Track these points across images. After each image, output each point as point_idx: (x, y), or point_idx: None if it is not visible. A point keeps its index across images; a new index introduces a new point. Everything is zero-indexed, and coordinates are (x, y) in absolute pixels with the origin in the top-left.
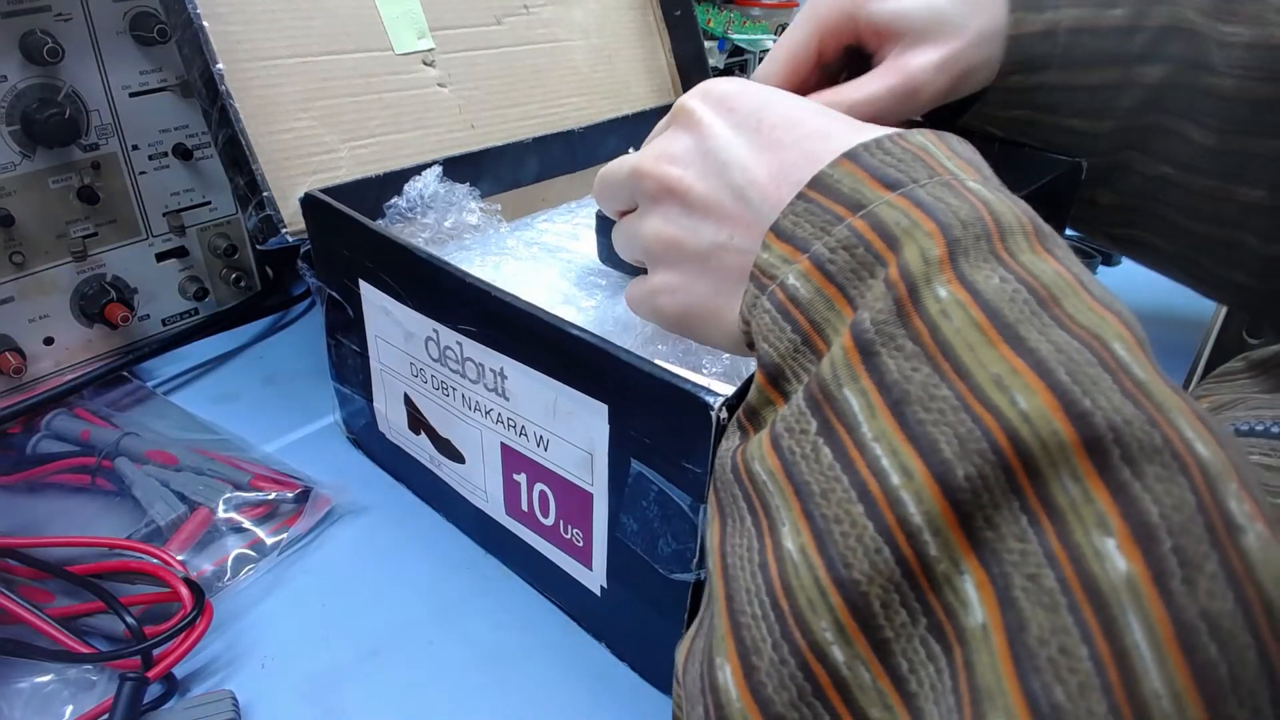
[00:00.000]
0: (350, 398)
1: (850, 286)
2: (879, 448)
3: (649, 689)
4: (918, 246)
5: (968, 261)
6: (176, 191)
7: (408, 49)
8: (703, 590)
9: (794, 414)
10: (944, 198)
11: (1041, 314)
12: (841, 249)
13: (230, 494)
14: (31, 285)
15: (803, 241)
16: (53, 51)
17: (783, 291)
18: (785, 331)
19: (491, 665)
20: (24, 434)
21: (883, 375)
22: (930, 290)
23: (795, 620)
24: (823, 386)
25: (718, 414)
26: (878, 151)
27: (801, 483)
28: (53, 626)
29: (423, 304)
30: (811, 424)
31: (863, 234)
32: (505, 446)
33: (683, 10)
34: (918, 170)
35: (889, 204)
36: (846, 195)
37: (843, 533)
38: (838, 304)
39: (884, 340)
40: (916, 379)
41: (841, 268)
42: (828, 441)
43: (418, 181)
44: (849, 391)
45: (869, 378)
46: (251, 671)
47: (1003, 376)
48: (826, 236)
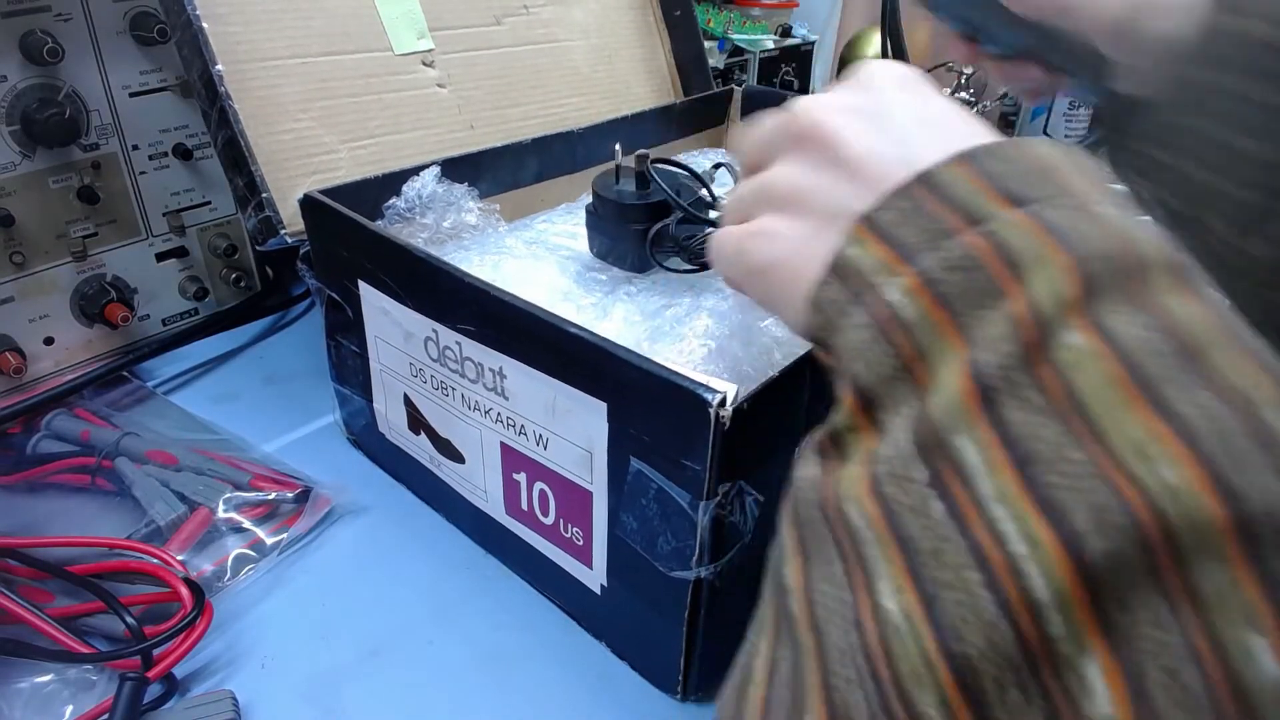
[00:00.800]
0: (350, 398)
1: (964, 315)
2: (1000, 509)
3: (649, 688)
4: (1049, 281)
5: (1104, 304)
6: (176, 191)
7: (407, 49)
8: (702, 589)
9: (899, 457)
10: (1077, 223)
11: (1188, 370)
12: (958, 269)
13: (230, 494)
14: (31, 285)
15: (907, 249)
16: (53, 51)
17: (885, 307)
18: (886, 354)
19: (491, 665)
20: (24, 434)
21: (1006, 427)
22: (1062, 335)
23: (896, 690)
24: (934, 431)
25: (716, 410)
26: (999, 157)
27: (907, 538)
28: (53, 626)
29: (422, 304)
30: (921, 473)
31: (981, 256)
32: (505, 446)
33: (683, 10)
34: (1045, 186)
35: (1014, 224)
36: (962, 203)
37: (956, 600)
38: (947, 333)
39: (1008, 387)
40: (1046, 436)
41: (956, 291)
42: (940, 495)
43: (416, 182)
44: (966, 441)
45: (990, 428)
46: (251, 671)
47: (1145, 443)
48: (938, 250)
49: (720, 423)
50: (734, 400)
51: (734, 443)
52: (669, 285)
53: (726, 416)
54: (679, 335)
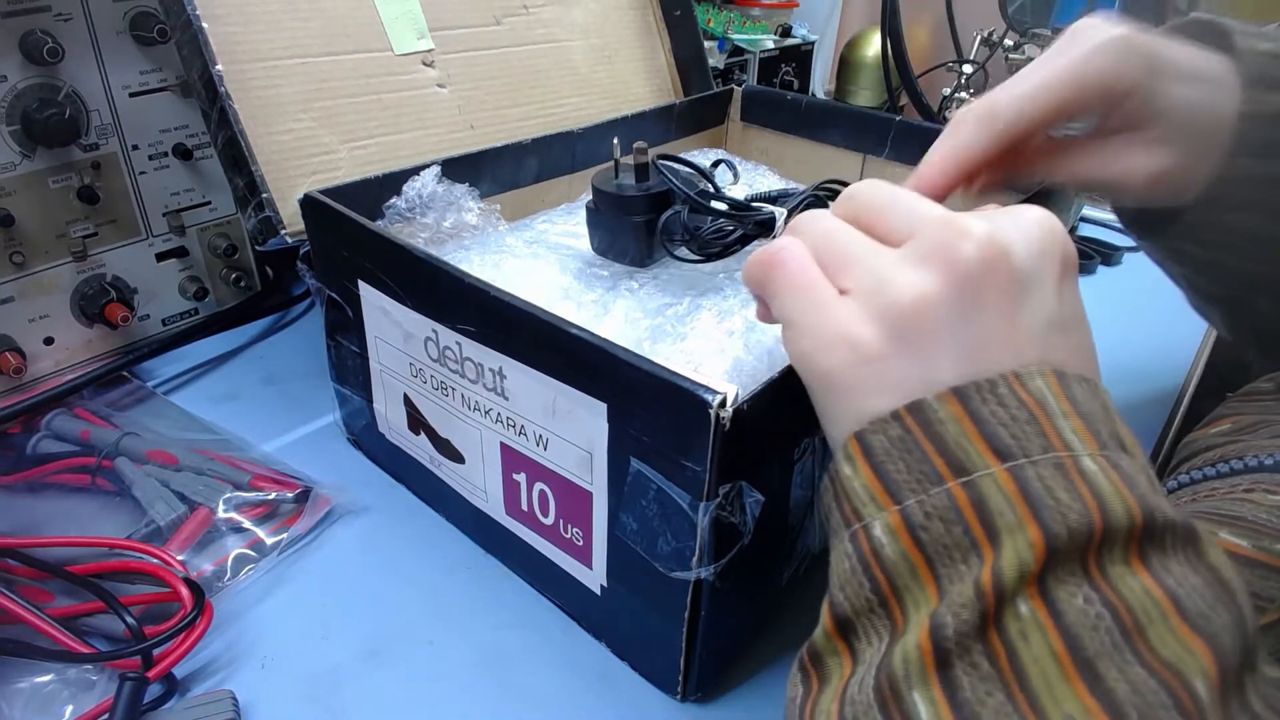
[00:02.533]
0: (350, 398)
1: (940, 564)
2: None
3: (649, 688)
4: (1016, 553)
5: (1056, 576)
6: (176, 191)
7: (407, 49)
8: (702, 590)
9: (863, 704)
10: (1055, 489)
11: (1123, 647)
12: (939, 519)
13: (230, 494)
14: (31, 285)
15: (894, 486)
16: (53, 51)
17: (867, 541)
18: (864, 588)
19: (491, 665)
20: (24, 434)
21: (955, 690)
22: (1017, 606)
23: None
24: (893, 683)
25: (716, 411)
26: (991, 399)
27: None
28: (53, 626)
29: (422, 304)
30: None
31: (963, 512)
32: (505, 446)
33: (683, 10)
34: (1031, 439)
35: (996, 484)
36: (950, 449)
37: None
38: (923, 578)
39: (960, 653)
40: (990, 704)
41: (935, 540)
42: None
43: (416, 181)
44: (919, 696)
45: (940, 689)
46: (251, 671)
47: (1075, 718)
48: (923, 495)
49: (720, 423)
50: (734, 401)
51: (734, 443)
52: (670, 283)
53: (727, 417)
54: (680, 335)
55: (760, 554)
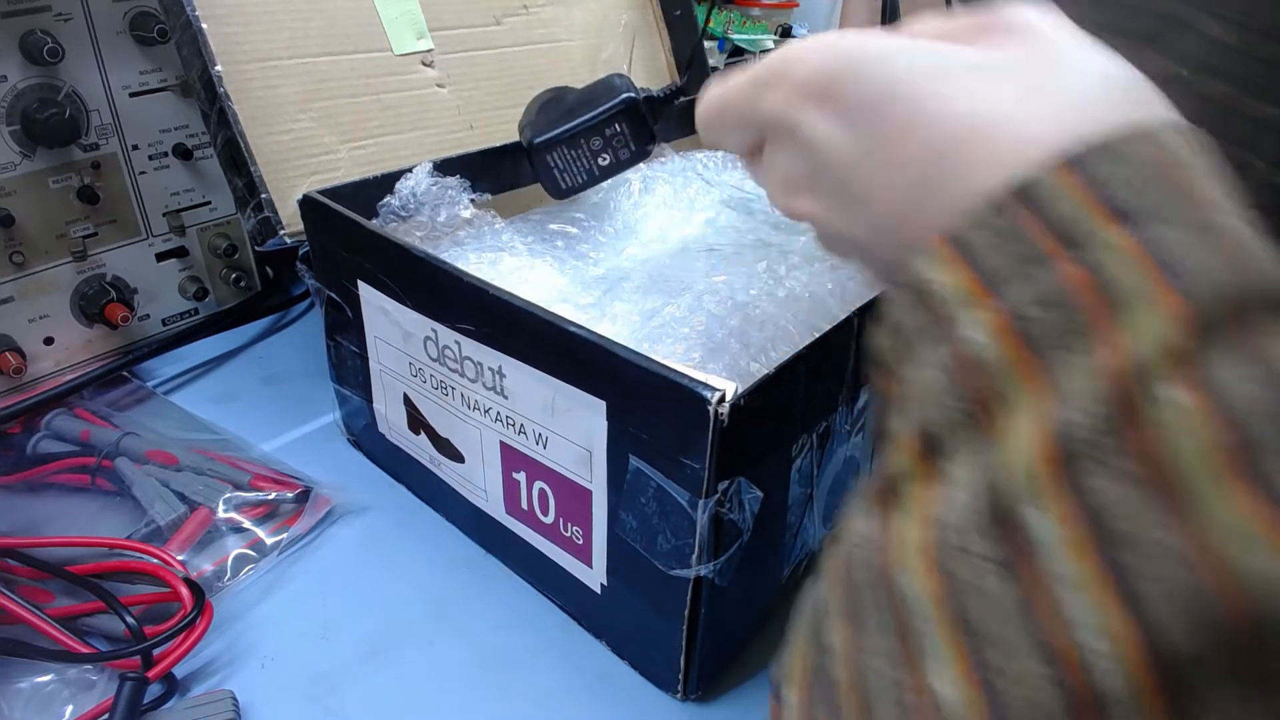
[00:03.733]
0: (350, 398)
1: (1052, 360)
2: (1074, 595)
3: (649, 687)
4: (1153, 325)
5: (1216, 352)
6: (176, 191)
7: (407, 50)
8: (701, 588)
9: (961, 526)
10: (1193, 250)
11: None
12: (1047, 304)
13: (230, 494)
14: (31, 285)
15: (994, 277)
16: (53, 51)
17: (963, 345)
18: (959, 398)
19: (491, 665)
20: (24, 434)
21: (1089, 500)
22: (1162, 391)
23: None
24: (1004, 497)
25: (715, 408)
26: (1113, 159)
27: (967, 619)
28: (53, 626)
29: (421, 303)
30: (986, 546)
31: (1079, 291)
32: (504, 445)
33: (683, 10)
34: (1161, 195)
35: (1119, 252)
36: (1062, 222)
37: (1018, 695)
38: (1031, 379)
39: (1094, 452)
40: (1133, 513)
41: (1045, 332)
42: (1008, 575)
43: (409, 179)
44: (1040, 512)
45: (1071, 500)
46: (251, 671)
47: (1246, 525)
48: (1029, 281)
49: (719, 420)
50: (732, 397)
51: (733, 440)
52: (669, 284)
53: (725, 414)
54: (679, 335)
55: (759, 551)
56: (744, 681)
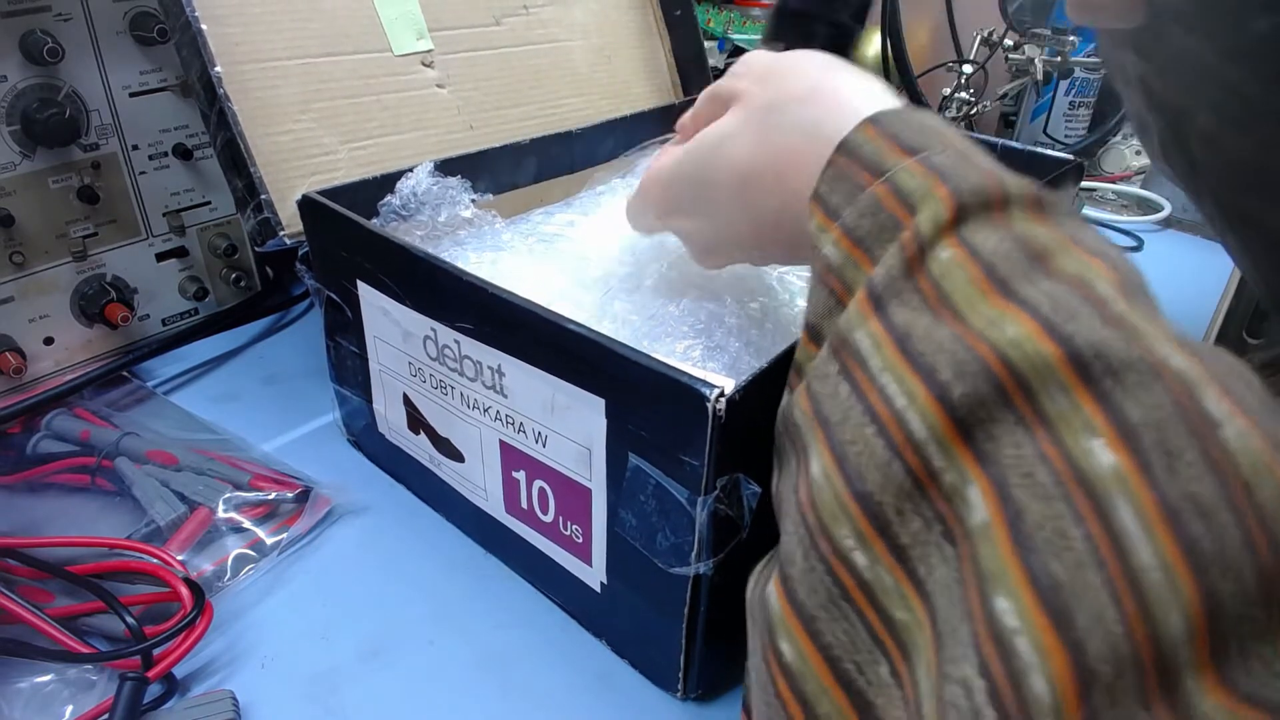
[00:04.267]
0: (349, 398)
1: (873, 249)
2: (886, 377)
3: (649, 686)
4: (931, 210)
5: (970, 226)
6: (176, 191)
7: (406, 50)
8: (701, 585)
9: (821, 362)
10: (959, 166)
11: (1032, 269)
12: (868, 215)
13: (230, 494)
14: (31, 285)
15: (834, 209)
16: (53, 51)
17: (821, 259)
18: (823, 296)
19: (491, 665)
20: (24, 434)
21: (890, 319)
22: (935, 252)
23: (820, 532)
24: (840, 334)
25: (714, 406)
26: (898, 120)
27: (825, 417)
28: (53, 626)
29: (420, 303)
30: (833, 367)
31: (883, 200)
32: (504, 444)
33: (683, 10)
34: (933, 139)
35: (907, 171)
36: (870, 161)
37: (857, 452)
38: (863, 265)
39: (893, 293)
40: (921, 323)
41: (867, 232)
42: (845, 378)
43: (410, 179)
44: (860, 334)
45: (879, 322)
46: (251, 671)
47: (995, 317)
48: (854, 204)
49: (718, 417)
50: (730, 393)
51: (731, 436)
52: (668, 285)
53: (723, 410)
54: (679, 335)
55: (759, 548)
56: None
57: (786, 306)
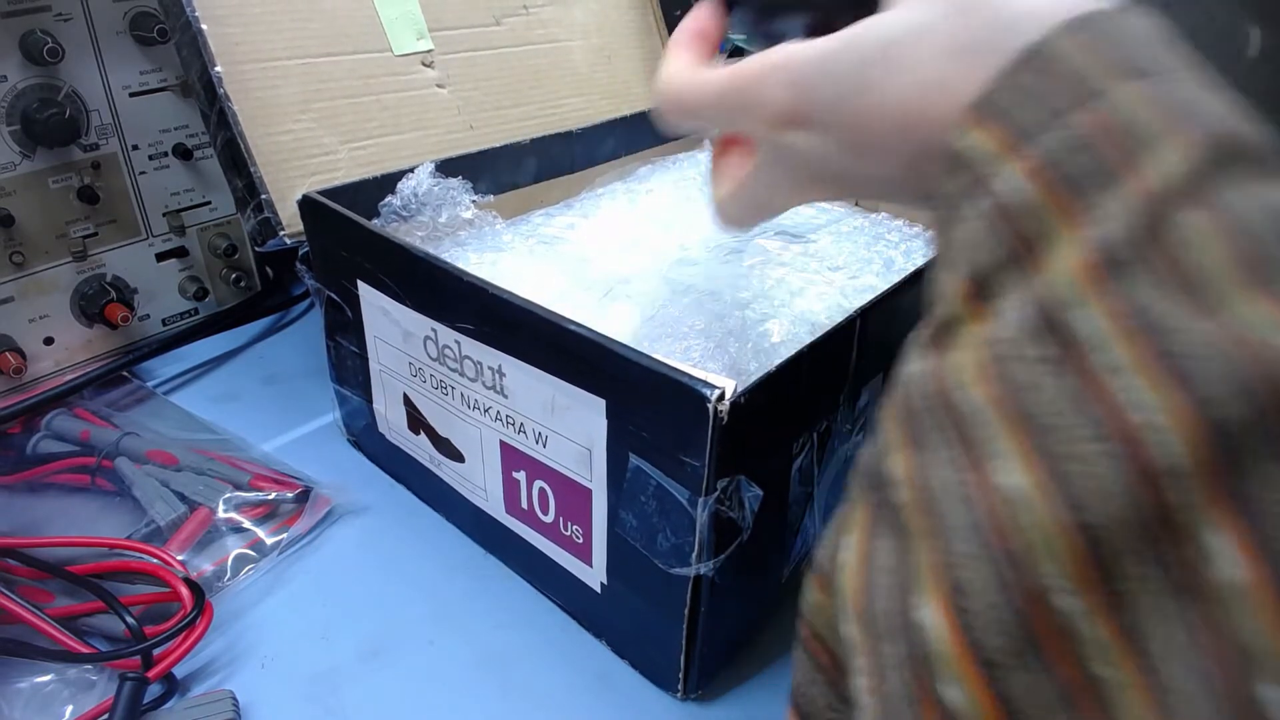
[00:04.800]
0: (350, 398)
1: (1084, 195)
2: (1126, 379)
3: (649, 686)
4: (1171, 157)
5: (1223, 183)
6: (176, 191)
7: (406, 50)
8: (701, 586)
9: (1014, 338)
10: (1199, 98)
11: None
12: (1077, 148)
13: (230, 494)
14: (31, 285)
15: (1023, 130)
16: (53, 51)
17: (1001, 195)
18: (1002, 241)
19: (491, 665)
20: (24, 434)
21: (1132, 297)
22: (1184, 212)
23: (1016, 564)
24: (1052, 309)
25: (715, 406)
26: (1116, 26)
27: (1027, 414)
28: (53, 626)
29: (420, 303)
30: (1040, 350)
31: (1102, 133)
32: (504, 444)
33: (683, 10)
34: (1164, 59)
35: (1138, 97)
36: (1079, 78)
37: (1080, 473)
38: (1067, 214)
39: (1133, 259)
40: (1171, 308)
41: (1075, 171)
42: (1060, 369)
43: (411, 179)
44: (1084, 315)
45: (1114, 299)
46: (251, 671)
47: (1266, 317)
48: (1056, 130)
49: (719, 418)
50: (732, 395)
51: (732, 437)
52: (669, 285)
53: (725, 411)
54: (678, 334)
55: (759, 550)
56: (744, 680)
57: (787, 307)
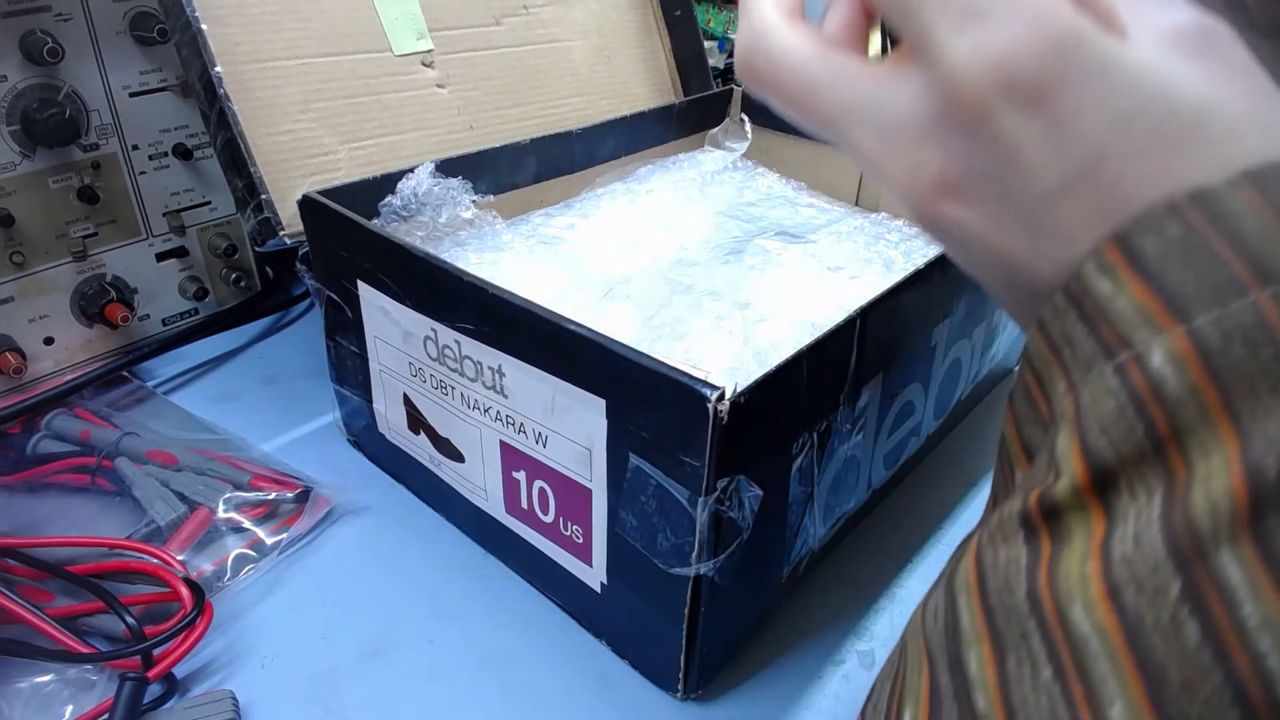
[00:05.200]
0: (349, 398)
1: (1241, 399)
2: (1265, 641)
3: (649, 686)
4: None
5: None
6: (176, 191)
7: (406, 50)
8: (701, 586)
9: (1148, 564)
10: None
11: None
12: (1242, 341)
13: (230, 494)
14: (31, 285)
15: (1178, 301)
16: (53, 51)
17: (1142, 374)
18: (1135, 431)
19: (491, 665)
20: (24, 434)
21: (1273, 544)
22: None
23: None
24: (1197, 538)
25: (715, 405)
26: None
27: (1151, 660)
28: (53, 626)
29: (420, 303)
30: (1174, 584)
31: (1275, 330)
32: (504, 444)
33: (683, 10)
34: None
35: None
36: (1253, 248)
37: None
38: (1215, 416)
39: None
40: None
41: (1236, 368)
42: (1195, 614)
43: (411, 179)
44: (1230, 555)
45: (1256, 543)
46: (251, 671)
47: None
48: (1219, 310)
49: (719, 417)
50: (732, 394)
51: (732, 437)
52: (669, 285)
53: (725, 411)
54: (679, 335)
55: (759, 550)
56: (744, 681)
57: (787, 307)
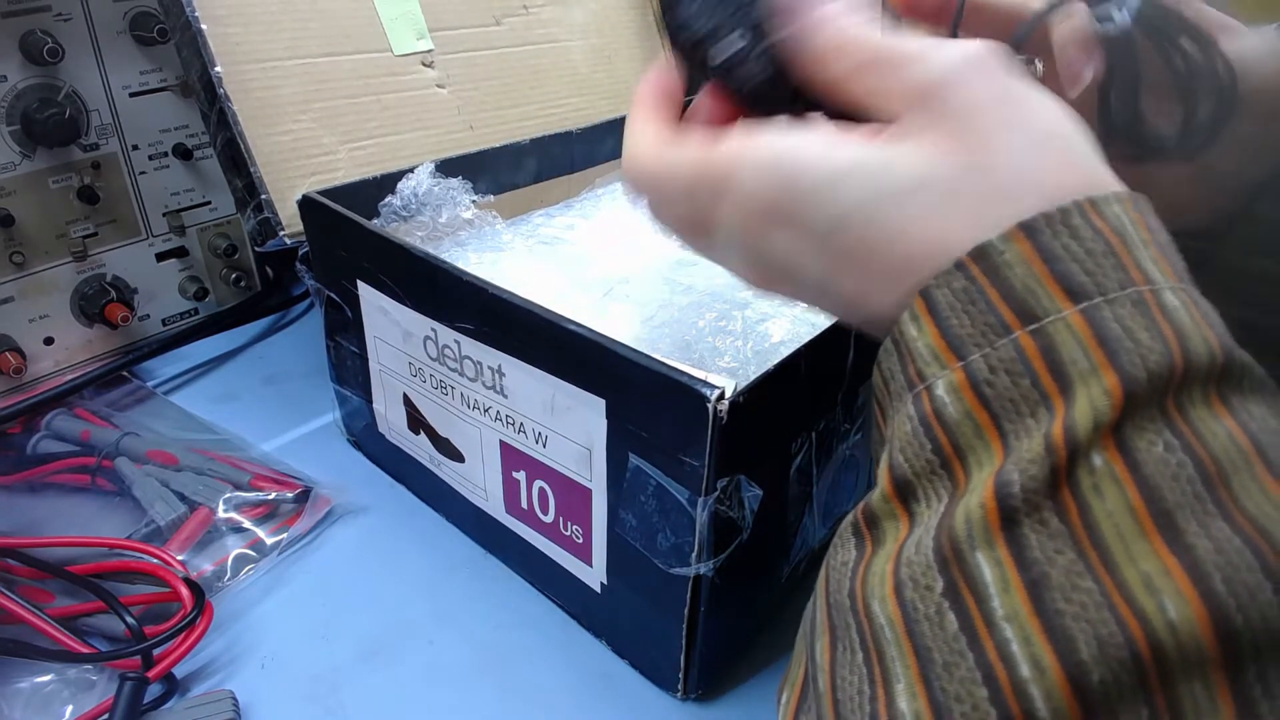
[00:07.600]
0: (350, 398)
1: (1005, 420)
2: (1010, 630)
3: (649, 686)
4: (1090, 403)
5: (1134, 424)
6: (176, 191)
7: (406, 50)
8: (701, 586)
9: (921, 565)
10: (1135, 330)
11: (1205, 499)
12: (1005, 372)
13: (230, 494)
14: (31, 285)
15: (957, 342)
16: (53, 51)
17: (930, 402)
18: (924, 449)
19: (491, 665)
20: (24, 434)
21: (1022, 549)
22: (1089, 460)
23: None
24: (955, 544)
25: (714, 405)
26: (1064, 232)
27: (923, 646)
28: (53, 626)
29: (420, 303)
30: (938, 582)
31: (1031, 362)
32: (504, 444)
33: None
34: (1108, 274)
35: (1068, 327)
36: (1017, 294)
37: (963, 713)
38: (987, 434)
39: (1028, 510)
40: (1060, 562)
41: (1000, 395)
42: (954, 607)
43: (411, 179)
44: (982, 557)
45: (1007, 548)
46: (251, 671)
47: (1153, 577)
48: (988, 348)
49: (718, 417)
50: (732, 394)
51: (732, 437)
52: (669, 285)
53: (724, 411)
54: (678, 335)
55: (759, 550)
56: (744, 680)
57: (786, 308)
